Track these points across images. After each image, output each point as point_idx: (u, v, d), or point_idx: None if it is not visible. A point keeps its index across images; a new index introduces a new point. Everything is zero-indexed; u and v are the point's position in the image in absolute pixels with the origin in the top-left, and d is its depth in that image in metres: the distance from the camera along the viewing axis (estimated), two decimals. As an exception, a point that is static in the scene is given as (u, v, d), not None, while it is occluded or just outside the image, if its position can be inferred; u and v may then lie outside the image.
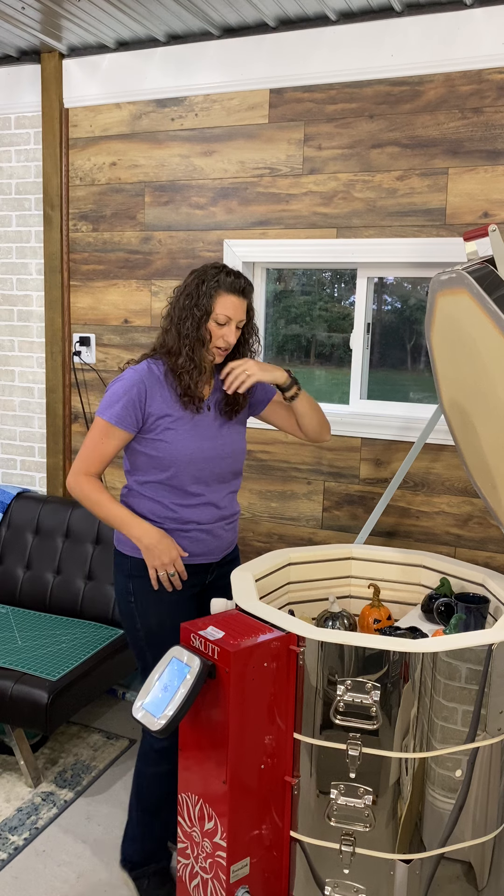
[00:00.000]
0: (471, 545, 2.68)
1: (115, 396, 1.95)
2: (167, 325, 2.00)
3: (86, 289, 3.19)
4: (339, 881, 1.76)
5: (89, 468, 1.98)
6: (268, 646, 1.67)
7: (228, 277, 1.95)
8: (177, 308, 1.97)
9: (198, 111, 2.87)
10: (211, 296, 1.94)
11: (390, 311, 2.84)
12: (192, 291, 1.95)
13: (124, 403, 1.94)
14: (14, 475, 3.50)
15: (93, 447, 1.97)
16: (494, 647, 1.69)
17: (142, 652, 2.08)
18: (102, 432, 1.96)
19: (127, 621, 2.09)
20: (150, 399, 1.96)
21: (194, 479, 2.01)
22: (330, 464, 2.85)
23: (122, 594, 2.08)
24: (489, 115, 2.45)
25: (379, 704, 1.66)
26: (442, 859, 1.75)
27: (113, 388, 1.97)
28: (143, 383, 1.95)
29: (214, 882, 1.74)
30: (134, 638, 2.09)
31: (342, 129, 2.65)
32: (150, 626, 2.04)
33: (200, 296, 1.94)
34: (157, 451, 1.98)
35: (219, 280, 1.94)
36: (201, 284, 1.95)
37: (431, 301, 2.10)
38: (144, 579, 2.03)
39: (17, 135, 3.22)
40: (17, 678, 2.54)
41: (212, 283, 1.94)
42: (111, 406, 1.95)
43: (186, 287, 1.97)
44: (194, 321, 1.94)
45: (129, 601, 2.06)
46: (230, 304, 1.95)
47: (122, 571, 2.07)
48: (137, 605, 2.04)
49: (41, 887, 2.22)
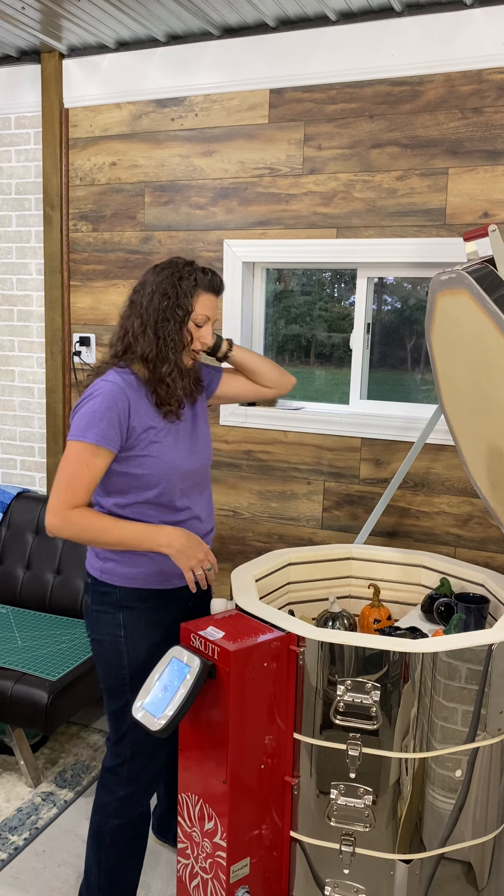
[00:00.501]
0: (471, 545, 2.68)
1: (94, 415, 1.72)
2: (138, 330, 1.80)
3: (86, 289, 3.19)
4: (339, 881, 1.76)
5: (74, 500, 1.72)
6: (268, 646, 1.67)
7: (205, 275, 1.82)
8: (150, 310, 1.79)
9: (198, 111, 2.87)
10: (191, 295, 1.79)
11: (390, 311, 2.84)
12: (169, 291, 1.78)
13: (109, 420, 1.72)
14: (14, 475, 3.50)
15: (76, 475, 1.72)
16: (494, 647, 1.69)
17: (121, 690, 1.89)
18: (87, 456, 1.72)
19: (110, 659, 1.87)
20: (133, 412, 1.77)
21: (182, 493, 1.86)
22: (330, 464, 2.85)
23: (107, 630, 1.86)
24: (489, 115, 2.45)
25: (379, 704, 1.66)
26: (442, 859, 1.75)
27: (89, 406, 1.74)
28: (126, 395, 1.76)
29: (214, 882, 1.74)
30: (115, 679, 1.88)
31: (342, 129, 2.65)
32: (138, 661, 1.86)
33: (180, 295, 1.78)
34: (143, 468, 1.79)
35: (197, 278, 1.81)
36: (179, 283, 1.79)
37: (431, 301, 2.10)
38: (137, 610, 1.85)
39: (17, 135, 3.22)
40: (17, 678, 2.54)
41: (190, 282, 1.80)
42: (92, 426, 1.72)
43: (159, 286, 1.79)
44: (176, 323, 1.78)
45: (117, 637, 1.85)
46: (210, 303, 1.83)
47: (109, 605, 1.86)
48: (128, 639, 1.85)
49: (41, 887, 2.22)
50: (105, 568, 1.86)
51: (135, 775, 1.92)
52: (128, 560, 1.84)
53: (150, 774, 1.93)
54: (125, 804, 1.92)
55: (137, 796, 1.92)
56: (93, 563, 1.89)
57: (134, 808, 1.93)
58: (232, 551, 3.05)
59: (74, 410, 1.78)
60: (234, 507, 3.02)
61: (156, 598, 1.87)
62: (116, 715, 1.91)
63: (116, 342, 1.85)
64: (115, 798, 1.92)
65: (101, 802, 1.94)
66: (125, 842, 1.93)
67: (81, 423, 1.73)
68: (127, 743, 1.90)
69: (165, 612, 1.90)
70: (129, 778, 1.91)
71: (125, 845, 1.94)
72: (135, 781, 1.92)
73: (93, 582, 1.89)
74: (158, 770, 1.96)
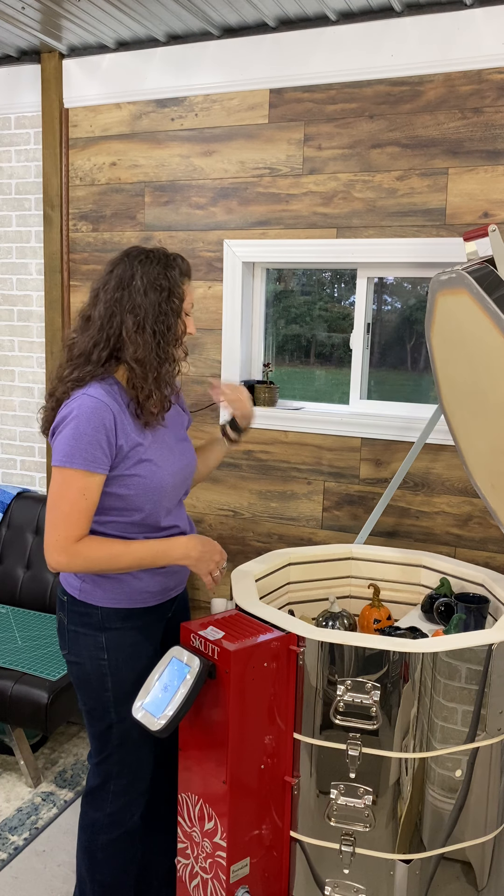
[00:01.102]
0: (471, 545, 2.68)
1: (81, 437, 1.57)
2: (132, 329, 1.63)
3: (86, 289, 3.19)
4: (339, 881, 1.76)
5: (76, 532, 1.59)
6: (268, 646, 1.67)
7: (183, 262, 1.70)
8: (146, 305, 1.63)
9: (198, 111, 2.87)
10: (181, 283, 1.67)
11: (390, 311, 2.84)
12: (162, 282, 1.65)
13: (97, 442, 1.58)
14: (14, 475, 3.50)
15: (73, 505, 1.58)
16: (494, 647, 1.69)
17: (104, 712, 1.78)
18: (80, 483, 1.58)
19: (91, 685, 1.76)
20: (119, 429, 1.62)
21: (167, 511, 1.75)
22: (330, 464, 2.85)
23: (88, 653, 1.75)
24: (489, 115, 2.45)
25: (379, 704, 1.66)
26: (442, 859, 1.75)
27: (72, 428, 1.58)
28: (111, 411, 1.61)
29: (214, 882, 1.74)
30: (98, 702, 1.77)
31: (342, 129, 2.65)
32: (123, 685, 1.76)
33: (173, 285, 1.66)
34: (130, 488, 1.66)
35: (178, 265, 1.68)
36: (168, 272, 1.66)
37: (431, 301, 2.10)
38: (120, 631, 1.75)
39: (17, 135, 3.22)
40: (17, 678, 2.54)
41: (176, 271, 1.67)
42: (79, 450, 1.57)
43: (154, 279, 1.64)
44: (174, 315, 1.66)
45: (99, 661, 1.75)
46: (190, 289, 1.72)
47: (89, 626, 1.74)
48: (111, 662, 1.75)
49: (41, 887, 2.22)
50: (84, 588, 1.74)
51: (123, 790, 1.84)
52: (108, 579, 1.74)
53: (140, 786, 1.87)
54: (115, 820, 1.85)
55: (127, 809, 1.86)
56: (69, 581, 1.77)
57: (125, 822, 1.86)
58: (232, 551, 3.05)
59: (56, 430, 1.63)
60: (234, 507, 3.02)
61: (138, 616, 1.79)
62: (100, 736, 1.81)
63: (94, 348, 1.66)
64: (104, 815, 1.84)
65: (89, 820, 1.85)
66: (119, 855, 1.87)
67: (67, 448, 1.58)
68: (113, 761, 1.82)
69: (149, 629, 1.82)
70: (116, 794, 1.84)
71: (119, 858, 1.87)
72: (124, 795, 1.85)
73: (69, 601, 1.76)
74: (147, 780, 1.88)
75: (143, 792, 1.88)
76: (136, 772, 1.85)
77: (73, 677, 1.80)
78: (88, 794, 1.87)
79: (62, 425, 1.61)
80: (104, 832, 1.84)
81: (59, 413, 1.64)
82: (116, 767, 1.83)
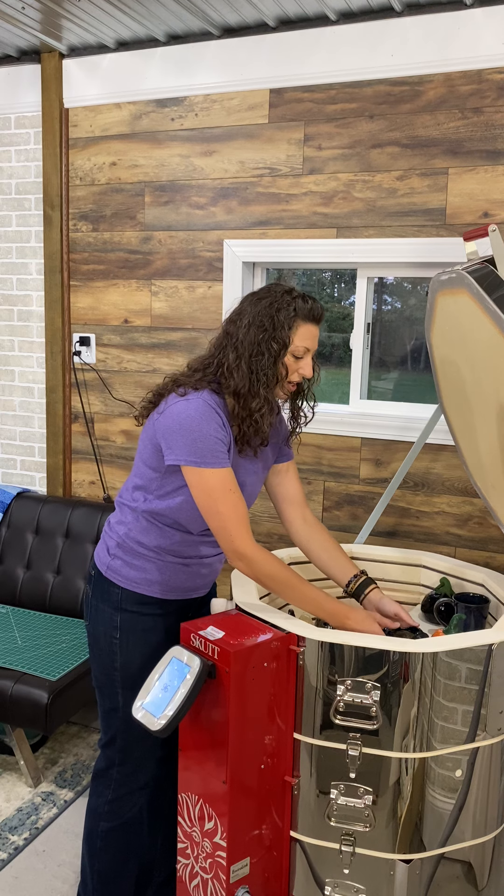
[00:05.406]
0: (471, 545, 2.68)
1: (208, 438, 1.65)
2: (233, 363, 1.70)
3: (86, 289, 3.19)
4: (339, 881, 1.76)
5: (249, 528, 1.72)
6: (268, 646, 1.67)
7: (305, 304, 1.72)
8: (246, 342, 1.69)
9: (198, 111, 2.87)
10: (290, 326, 1.70)
11: (390, 311, 2.84)
12: (266, 322, 1.69)
13: (223, 441, 1.68)
14: (14, 475, 3.50)
15: (234, 505, 1.68)
16: (494, 647, 1.69)
17: (112, 690, 1.86)
18: (227, 481, 1.67)
19: (103, 659, 1.85)
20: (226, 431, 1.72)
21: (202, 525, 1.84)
22: (330, 464, 2.85)
23: (104, 629, 1.84)
24: (489, 115, 2.45)
25: (379, 704, 1.66)
26: (442, 859, 1.75)
27: (197, 426, 1.66)
28: (218, 413, 1.69)
29: (214, 882, 1.74)
30: (108, 678, 1.86)
31: (342, 129, 2.65)
32: (130, 667, 1.83)
33: (276, 327, 1.69)
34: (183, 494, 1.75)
35: (296, 308, 1.71)
36: (276, 314, 1.69)
37: (431, 301, 2.10)
38: (135, 615, 1.82)
39: (17, 135, 3.22)
40: (17, 678, 2.54)
41: (289, 312, 1.70)
42: (212, 449, 1.65)
43: (256, 318, 1.70)
44: (271, 356, 1.69)
45: (112, 637, 1.83)
46: (309, 333, 1.73)
47: (109, 603, 1.83)
48: (122, 642, 1.83)
49: (41, 887, 2.22)
50: (112, 566, 1.83)
51: (124, 779, 1.89)
52: (136, 564, 1.82)
53: (142, 778, 1.91)
54: (115, 808, 1.90)
55: (127, 800, 1.90)
56: (101, 556, 1.87)
57: (124, 812, 1.91)
58: (232, 551, 3.05)
59: (170, 428, 1.68)
60: (234, 507, 3.01)
61: (156, 604, 1.85)
62: (107, 714, 1.88)
63: (205, 367, 1.75)
64: (105, 801, 1.90)
65: (92, 806, 1.92)
66: (117, 845, 1.91)
67: (194, 446, 1.65)
68: (116, 747, 1.88)
69: (163, 620, 1.86)
70: (119, 781, 1.89)
71: (117, 849, 1.92)
72: (124, 785, 1.90)
73: (96, 575, 1.86)
74: (150, 774, 1.93)
75: (143, 785, 1.92)
76: (139, 762, 1.90)
77: (89, 646, 1.90)
78: (94, 778, 1.94)
79: (179, 422, 1.66)
80: (104, 819, 1.90)
81: (168, 406, 1.70)
82: (120, 755, 1.88)
